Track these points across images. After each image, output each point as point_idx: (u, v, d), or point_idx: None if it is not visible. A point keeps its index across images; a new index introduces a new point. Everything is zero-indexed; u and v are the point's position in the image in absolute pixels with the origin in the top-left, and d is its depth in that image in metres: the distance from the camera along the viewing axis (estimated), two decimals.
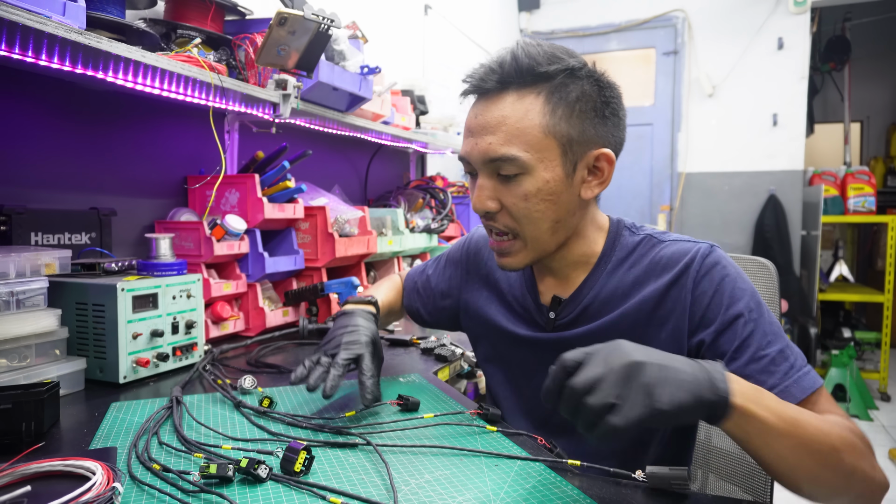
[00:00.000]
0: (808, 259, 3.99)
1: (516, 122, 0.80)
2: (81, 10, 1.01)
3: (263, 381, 1.12)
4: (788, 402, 0.71)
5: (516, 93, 0.81)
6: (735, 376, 0.65)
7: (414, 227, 2.15)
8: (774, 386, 0.74)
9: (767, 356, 0.76)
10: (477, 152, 0.83)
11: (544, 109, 0.80)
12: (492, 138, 0.81)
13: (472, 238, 1.12)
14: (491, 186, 0.83)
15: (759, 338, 0.77)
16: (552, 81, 0.81)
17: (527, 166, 0.80)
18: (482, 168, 0.83)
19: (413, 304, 1.20)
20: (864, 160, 5.63)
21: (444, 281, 1.14)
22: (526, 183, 0.81)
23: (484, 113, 0.82)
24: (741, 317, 0.78)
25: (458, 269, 1.12)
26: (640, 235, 0.90)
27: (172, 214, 1.53)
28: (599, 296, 0.89)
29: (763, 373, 0.75)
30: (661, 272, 0.85)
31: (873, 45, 5.34)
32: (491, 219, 0.85)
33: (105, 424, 0.88)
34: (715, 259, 0.83)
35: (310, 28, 1.34)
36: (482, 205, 0.84)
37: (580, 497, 0.65)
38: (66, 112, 1.32)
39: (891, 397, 3.93)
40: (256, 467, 0.66)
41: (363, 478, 0.69)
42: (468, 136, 0.84)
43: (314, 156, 1.95)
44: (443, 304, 1.14)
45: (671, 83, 4.33)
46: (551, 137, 0.80)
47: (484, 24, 3.92)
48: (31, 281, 1.00)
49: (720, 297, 0.80)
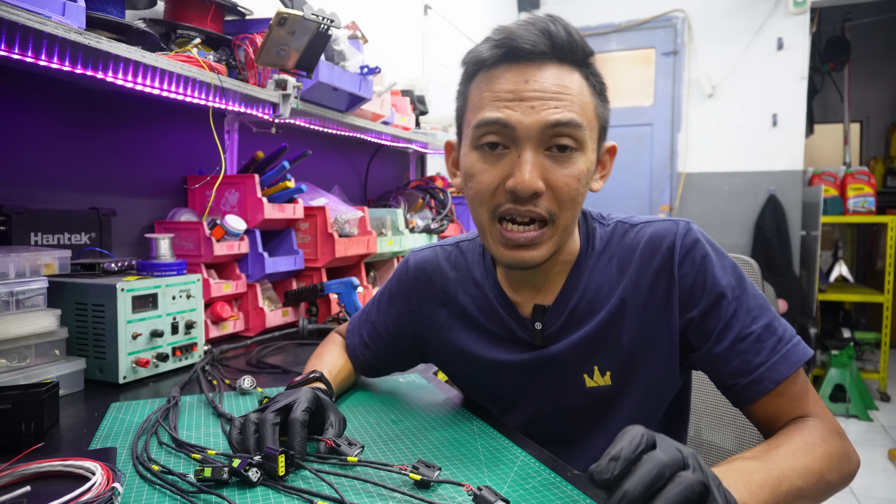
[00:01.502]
0: (808, 259, 3.99)
1: (578, 93, 0.74)
2: (81, 10, 1.01)
3: (263, 382, 1.12)
4: (775, 381, 0.73)
5: (564, 66, 0.75)
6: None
7: (414, 228, 2.16)
8: (762, 364, 0.74)
9: (753, 333, 0.75)
10: (535, 119, 0.72)
11: (590, 89, 0.77)
12: (557, 104, 0.72)
13: (410, 267, 0.98)
14: (540, 163, 0.74)
15: (744, 315, 0.76)
16: (590, 66, 0.78)
17: (584, 142, 0.75)
18: (534, 139, 0.73)
19: (364, 359, 1.02)
20: (864, 160, 5.63)
21: (392, 322, 0.99)
22: (580, 161, 0.75)
23: (539, 79, 0.73)
24: (724, 297, 0.77)
25: (406, 304, 0.97)
26: (609, 224, 0.87)
27: (172, 214, 1.53)
28: (586, 295, 0.84)
29: (749, 352, 0.75)
30: (643, 258, 0.81)
31: (873, 46, 5.34)
32: (530, 202, 0.74)
33: (105, 425, 0.88)
34: (693, 237, 0.80)
35: (309, 28, 1.34)
36: (533, 183, 0.72)
37: (580, 497, 0.65)
38: (66, 112, 1.32)
39: (890, 397, 3.93)
40: (248, 469, 0.66)
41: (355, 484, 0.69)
42: (511, 100, 0.73)
43: (314, 156, 1.95)
44: (398, 348, 1.00)
45: (671, 83, 4.33)
46: (597, 118, 0.78)
47: (484, 24, 3.92)
48: (31, 281, 1.00)
49: (702, 277, 0.78)
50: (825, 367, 3.83)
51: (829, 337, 4.16)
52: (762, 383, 0.74)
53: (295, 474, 0.69)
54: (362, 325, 1.03)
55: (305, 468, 0.69)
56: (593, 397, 0.85)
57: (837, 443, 0.71)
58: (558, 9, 4.58)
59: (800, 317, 3.88)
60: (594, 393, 0.85)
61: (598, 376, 0.84)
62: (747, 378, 0.75)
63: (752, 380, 0.74)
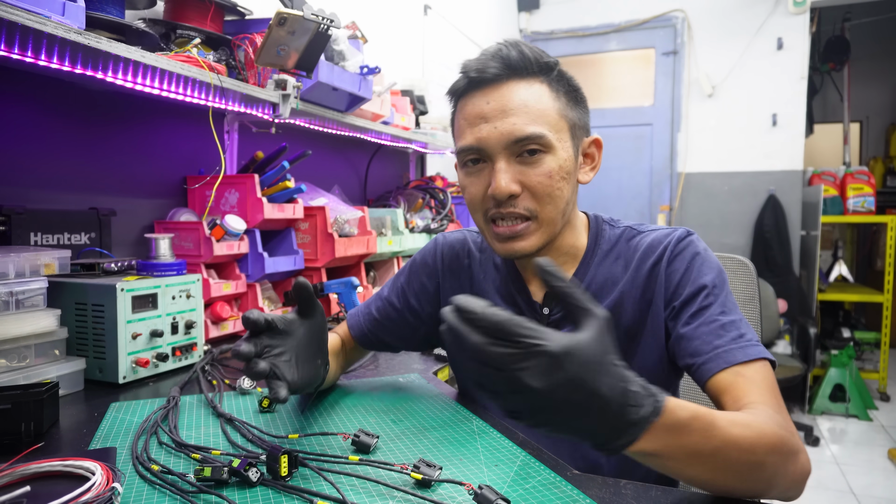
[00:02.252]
0: (808, 259, 3.99)
1: (535, 103, 0.83)
2: (81, 10, 1.01)
3: (262, 382, 1.12)
4: (729, 362, 0.75)
5: (522, 81, 0.84)
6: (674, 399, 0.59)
7: (413, 227, 2.16)
8: (719, 346, 0.78)
9: (719, 322, 0.80)
10: (498, 135, 0.83)
11: (552, 95, 0.85)
12: (515, 119, 0.82)
13: (439, 244, 1.06)
14: (512, 169, 0.84)
15: (716, 308, 0.82)
16: (551, 73, 0.86)
17: (550, 144, 0.83)
18: (503, 151, 0.83)
19: (372, 334, 1.06)
20: (864, 160, 5.63)
21: (413, 294, 1.04)
22: (549, 161, 0.84)
23: (497, 98, 0.84)
24: (705, 288, 0.83)
25: (431, 278, 1.04)
26: (619, 228, 0.95)
27: (172, 214, 1.53)
28: (591, 287, 0.91)
29: (711, 334, 0.79)
30: (642, 258, 0.89)
31: (873, 46, 5.34)
32: (509, 204, 0.84)
33: (104, 425, 0.88)
34: (688, 241, 0.88)
35: (309, 28, 1.34)
36: (507, 187, 0.82)
37: (579, 497, 0.65)
38: (66, 112, 1.32)
39: (890, 397, 3.93)
40: (247, 469, 0.66)
41: (355, 484, 0.69)
42: (480, 122, 0.84)
43: (314, 156, 1.95)
44: (414, 321, 1.04)
45: (671, 83, 4.33)
46: (563, 120, 0.86)
47: (483, 24, 3.92)
48: (31, 281, 1.00)
49: (690, 271, 0.85)
50: (825, 366, 3.83)
51: (829, 337, 4.16)
52: (716, 361, 0.77)
53: (296, 473, 0.69)
54: (370, 305, 1.08)
55: (307, 465, 0.70)
56: None
57: (786, 437, 0.66)
58: (558, 9, 4.58)
59: (799, 316, 3.88)
60: None
61: None
62: (704, 357, 0.79)
63: (709, 357, 0.78)
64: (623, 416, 0.53)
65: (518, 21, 4.64)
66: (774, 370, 0.78)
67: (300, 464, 0.70)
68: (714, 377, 0.77)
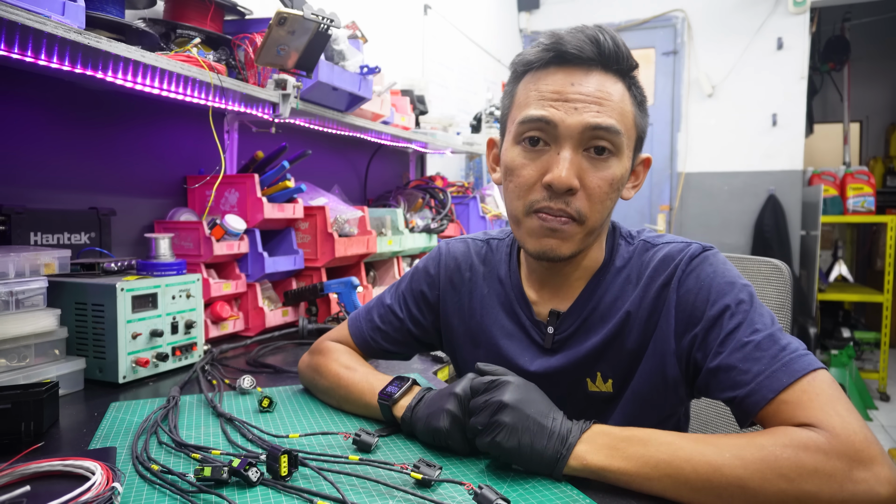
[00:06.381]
0: (808, 259, 4.00)
1: (619, 101, 0.78)
2: (81, 10, 1.01)
3: (263, 382, 1.12)
4: (774, 391, 0.67)
5: (609, 74, 0.78)
6: (594, 434, 0.69)
7: (413, 227, 2.15)
8: (760, 373, 0.69)
9: (752, 342, 0.71)
10: (576, 120, 0.76)
11: (631, 99, 0.80)
12: (598, 108, 0.76)
13: (443, 252, 1.01)
14: (577, 162, 0.77)
15: (746, 327, 0.73)
16: (633, 78, 0.81)
17: (621, 148, 0.78)
18: (573, 138, 0.76)
19: (375, 342, 1.01)
20: (864, 160, 5.63)
21: (414, 301, 1.01)
22: (615, 166, 0.78)
23: (584, 83, 0.77)
24: (727, 309, 0.75)
25: (432, 287, 1.00)
26: (634, 245, 0.88)
27: (172, 214, 1.53)
28: (599, 307, 0.85)
29: (747, 360, 0.70)
30: (652, 275, 0.83)
31: (873, 46, 5.34)
32: (562, 200, 0.77)
33: (104, 424, 0.88)
34: (703, 258, 0.80)
35: (309, 28, 1.34)
36: (569, 180, 0.75)
37: (579, 497, 0.65)
38: (66, 112, 1.32)
39: (890, 397, 3.93)
40: (247, 469, 0.66)
41: (355, 484, 0.69)
42: (556, 100, 0.77)
43: (314, 156, 1.95)
44: (416, 328, 1.00)
45: (671, 83, 4.33)
46: (635, 128, 0.81)
47: (483, 23, 3.92)
48: (31, 281, 1.00)
49: (706, 293, 0.77)
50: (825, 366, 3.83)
51: (829, 337, 4.16)
52: (760, 392, 0.68)
53: (296, 473, 0.69)
54: (371, 311, 1.03)
55: (307, 465, 0.70)
56: (593, 401, 0.87)
57: (818, 458, 0.60)
58: (558, 9, 4.58)
59: (799, 317, 3.88)
60: (595, 397, 0.87)
61: (601, 382, 0.86)
62: (745, 389, 0.69)
63: (751, 389, 0.69)
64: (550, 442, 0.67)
65: (518, 21, 4.65)
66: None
67: (300, 463, 0.70)
68: (763, 412, 0.68)
